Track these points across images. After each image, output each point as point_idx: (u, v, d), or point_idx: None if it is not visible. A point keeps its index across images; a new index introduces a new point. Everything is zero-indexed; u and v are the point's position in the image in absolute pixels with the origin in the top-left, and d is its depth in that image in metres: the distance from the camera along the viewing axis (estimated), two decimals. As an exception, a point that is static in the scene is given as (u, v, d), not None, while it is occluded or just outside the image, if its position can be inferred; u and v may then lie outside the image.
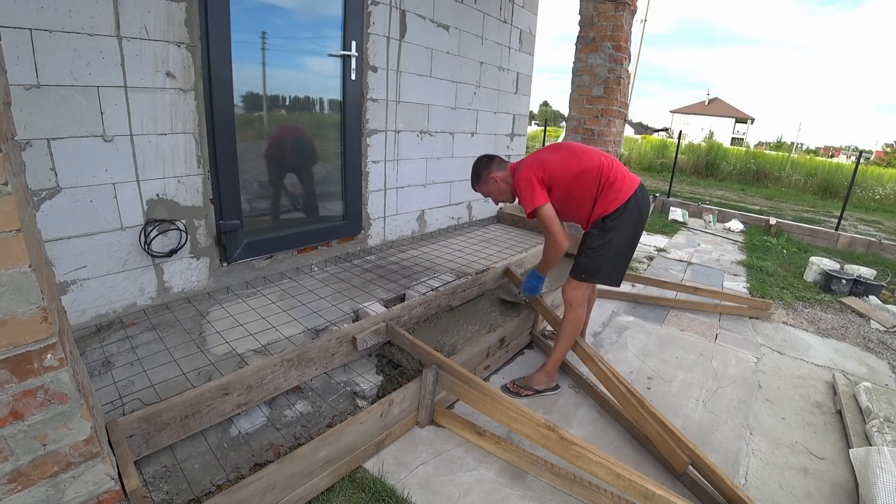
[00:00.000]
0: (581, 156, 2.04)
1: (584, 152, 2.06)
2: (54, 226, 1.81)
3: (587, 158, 2.02)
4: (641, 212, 2.02)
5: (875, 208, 10.93)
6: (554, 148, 2.13)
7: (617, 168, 2.03)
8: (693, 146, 16.20)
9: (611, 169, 2.00)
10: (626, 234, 2.02)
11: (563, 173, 2.00)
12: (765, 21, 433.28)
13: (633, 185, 2.01)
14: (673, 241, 5.50)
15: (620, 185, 1.98)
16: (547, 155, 2.07)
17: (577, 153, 2.05)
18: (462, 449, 1.73)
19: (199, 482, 1.39)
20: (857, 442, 1.90)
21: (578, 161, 2.01)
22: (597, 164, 2.00)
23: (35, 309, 0.82)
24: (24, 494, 0.89)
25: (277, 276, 2.67)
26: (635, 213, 1.99)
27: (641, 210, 2.02)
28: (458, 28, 3.52)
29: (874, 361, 2.75)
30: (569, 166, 2.00)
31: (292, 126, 2.74)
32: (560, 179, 2.00)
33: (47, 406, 0.88)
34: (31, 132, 1.68)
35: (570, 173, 1.99)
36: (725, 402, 2.20)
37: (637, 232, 2.06)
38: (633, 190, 1.99)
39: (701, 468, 1.58)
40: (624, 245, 2.04)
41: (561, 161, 2.02)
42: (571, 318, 2.10)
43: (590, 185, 1.99)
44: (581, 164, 2.00)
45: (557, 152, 2.08)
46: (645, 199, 2.04)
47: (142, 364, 1.76)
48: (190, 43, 2.06)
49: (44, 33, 1.65)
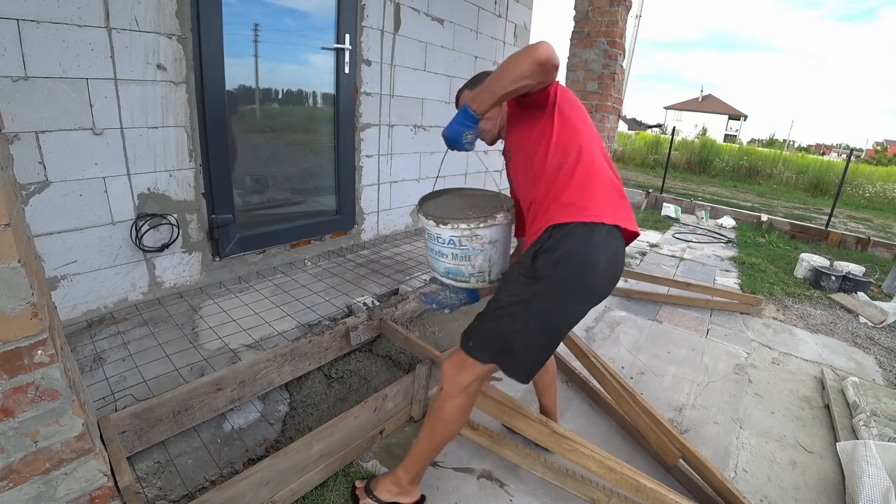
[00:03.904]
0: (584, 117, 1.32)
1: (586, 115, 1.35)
2: (43, 220, 1.78)
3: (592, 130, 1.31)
4: (617, 268, 1.21)
5: (865, 206, 11.06)
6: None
7: (614, 173, 1.29)
8: (686, 142, 16.29)
9: (606, 162, 1.27)
10: (579, 291, 1.16)
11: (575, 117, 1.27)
12: (784, 32, 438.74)
13: (627, 214, 1.21)
14: (665, 236, 5.53)
15: (609, 189, 1.21)
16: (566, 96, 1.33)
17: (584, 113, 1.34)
18: (455, 443, 1.74)
19: (193, 478, 1.38)
20: (845, 436, 1.93)
21: (588, 124, 1.30)
22: (595, 138, 1.28)
23: (25, 305, 0.81)
24: (15, 492, 0.88)
25: (270, 271, 2.66)
26: (617, 260, 1.18)
27: (619, 266, 1.21)
28: (452, 22, 3.50)
29: (862, 357, 2.79)
30: (583, 117, 1.30)
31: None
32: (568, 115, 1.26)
33: (38, 403, 0.87)
34: (19, 125, 1.65)
35: (577, 121, 1.26)
36: (716, 397, 2.22)
37: (587, 296, 1.20)
38: (633, 231, 1.21)
39: (692, 461, 1.60)
40: (558, 313, 1.18)
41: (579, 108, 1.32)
42: (436, 413, 1.31)
43: (573, 152, 1.20)
44: (589, 127, 1.30)
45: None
46: (622, 254, 1.22)
47: (134, 360, 1.75)
48: (181, 35, 2.03)
49: (31, 24, 1.62)
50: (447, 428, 1.31)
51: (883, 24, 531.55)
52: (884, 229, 7.95)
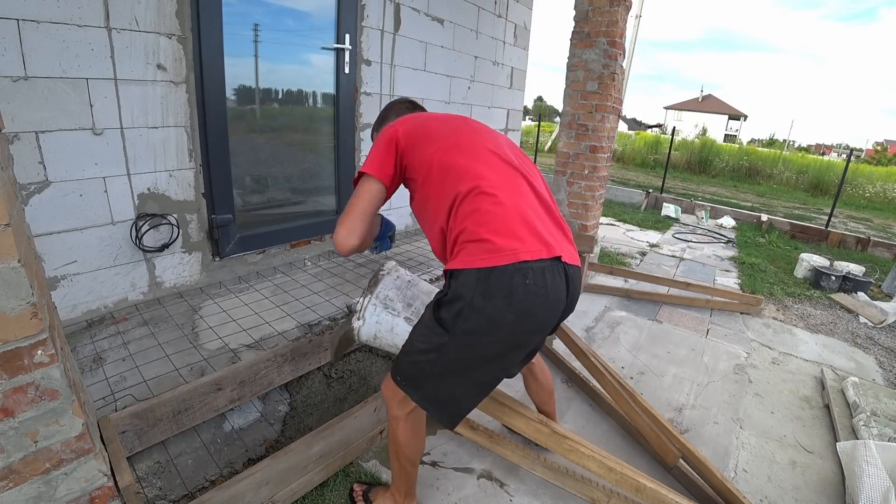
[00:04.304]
0: (468, 140, 1.20)
1: (478, 139, 1.21)
2: (44, 220, 1.78)
3: (471, 150, 1.17)
4: (547, 303, 1.08)
5: (865, 206, 11.06)
6: (450, 117, 1.31)
7: (520, 189, 1.14)
8: (686, 142, 16.29)
9: (498, 181, 1.12)
10: (491, 341, 1.08)
11: (427, 153, 1.17)
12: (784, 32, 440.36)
13: (546, 246, 1.08)
14: (665, 236, 5.54)
15: (507, 223, 1.06)
16: (431, 119, 1.30)
17: (465, 136, 1.21)
18: (455, 443, 1.74)
19: (193, 478, 1.39)
20: (845, 435, 1.93)
21: (455, 145, 1.18)
22: (473, 166, 1.13)
23: (25, 304, 0.81)
24: (15, 492, 0.88)
25: (270, 271, 2.66)
26: (530, 298, 1.04)
27: (547, 299, 1.07)
28: (452, 22, 3.51)
29: (862, 357, 2.79)
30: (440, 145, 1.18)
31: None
32: (421, 158, 1.18)
33: (38, 403, 0.87)
34: (19, 125, 1.65)
35: (436, 159, 1.16)
36: (716, 397, 2.22)
37: (522, 341, 1.12)
38: (544, 256, 1.06)
39: (692, 461, 1.60)
40: (477, 363, 1.11)
41: (435, 133, 1.22)
42: (391, 434, 1.31)
43: (450, 187, 1.12)
44: (456, 149, 1.17)
45: (445, 122, 1.27)
46: (564, 285, 1.11)
47: (134, 360, 1.75)
48: (181, 35, 2.03)
49: (31, 24, 1.62)
50: (408, 448, 1.30)
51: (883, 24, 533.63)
52: (884, 229, 7.95)
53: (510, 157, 1.22)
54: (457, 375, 1.13)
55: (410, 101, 1.55)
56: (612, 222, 6.14)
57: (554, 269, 1.08)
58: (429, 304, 1.17)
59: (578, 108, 3.50)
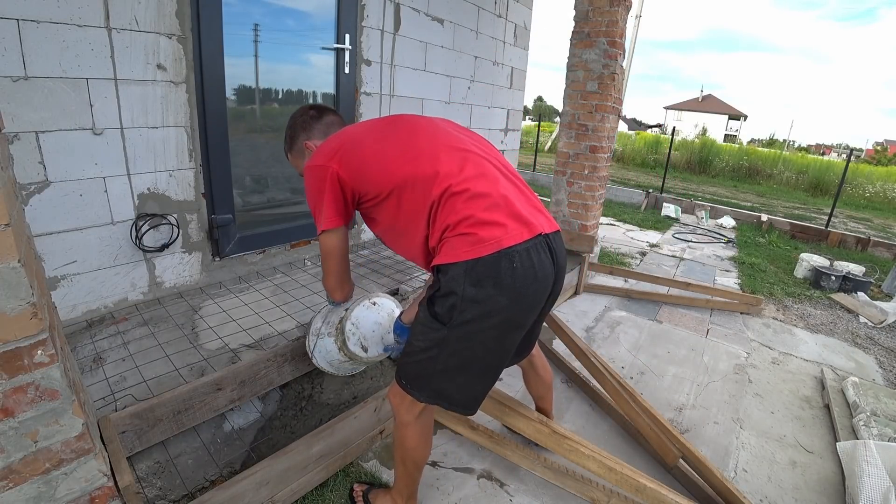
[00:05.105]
0: (419, 144, 1.16)
1: (427, 138, 1.18)
2: (43, 220, 1.78)
3: (428, 152, 1.14)
4: (536, 281, 1.09)
5: (865, 206, 11.06)
6: (385, 124, 1.26)
7: (487, 174, 1.13)
8: (686, 142, 16.29)
9: (465, 174, 1.10)
10: (488, 327, 1.09)
11: (382, 174, 1.15)
12: (783, 32, 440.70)
13: (527, 226, 1.09)
14: (665, 236, 5.54)
15: (485, 214, 1.06)
16: (363, 133, 1.23)
17: (415, 139, 1.17)
18: (455, 443, 1.74)
19: (193, 478, 1.39)
20: (845, 435, 1.93)
21: (411, 155, 1.14)
22: (436, 169, 1.10)
23: (25, 304, 0.81)
24: (15, 492, 0.88)
25: (270, 271, 2.66)
26: (519, 280, 1.06)
27: (536, 278, 1.09)
28: (452, 22, 3.50)
29: (862, 357, 2.79)
30: (392, 161, 1.15)
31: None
32: (375, 182, 1.16)
33: (38, 403, 0.87)
34: (19, 125, 1.65)
35: (395, 176, 1.14)
36: (716, 397, 2.22)
37: (519, 321, 1.13)
38: (526, 237, 1.07)
39: (692, 461, 1.60)
40: (479, 350, 1.12)
41: (380, 151, 1.17)
42: (398, 440, 1.30)
43: (420, 198, 1.11)
44: (414, 161, 1.13)
45: (383, 132, 1.22)
46: (550, 260, 1.13)
47: (134, 360, 1.75)
48: (181, 35, 2.03)
49: (31, 24, 1.62)
50: (414, 454, 1.30)
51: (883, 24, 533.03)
52: (884, 229, 7.95)
53: (466, 143, 1.21)
54: (461, 367, 1.14)
55: (315, 108, 1.47)
56: (612, 222, 6.14)
57: (539, 247, 1.10)
58: (422, 301, 1.18)
59: (578, 108, 3.50)
